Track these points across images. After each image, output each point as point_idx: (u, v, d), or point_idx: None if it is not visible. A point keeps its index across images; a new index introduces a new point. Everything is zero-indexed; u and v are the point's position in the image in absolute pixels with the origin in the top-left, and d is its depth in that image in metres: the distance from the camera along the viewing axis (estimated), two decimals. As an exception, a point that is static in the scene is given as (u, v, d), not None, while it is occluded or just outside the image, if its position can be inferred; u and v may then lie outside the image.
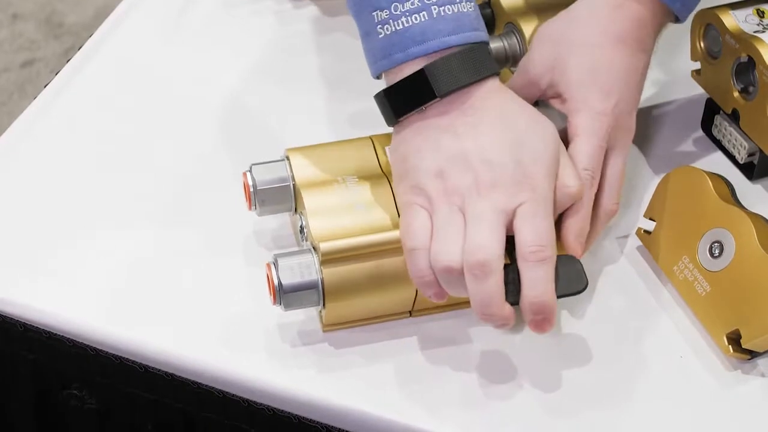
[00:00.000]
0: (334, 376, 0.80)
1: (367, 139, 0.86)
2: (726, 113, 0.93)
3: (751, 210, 0.82)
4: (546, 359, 0.81)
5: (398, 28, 0.78)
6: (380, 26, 0.79)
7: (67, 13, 2.31)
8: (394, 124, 0.81)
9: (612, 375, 0.80)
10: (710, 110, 0.95)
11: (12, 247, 0.88)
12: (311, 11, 1.08)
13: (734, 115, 0.92)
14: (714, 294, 0.81)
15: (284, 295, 0.79)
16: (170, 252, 0.88)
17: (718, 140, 0.95)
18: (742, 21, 0.90)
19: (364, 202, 0.81)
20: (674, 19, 0.88)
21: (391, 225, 0.80)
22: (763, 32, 0.89)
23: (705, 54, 0.93)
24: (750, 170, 0.93)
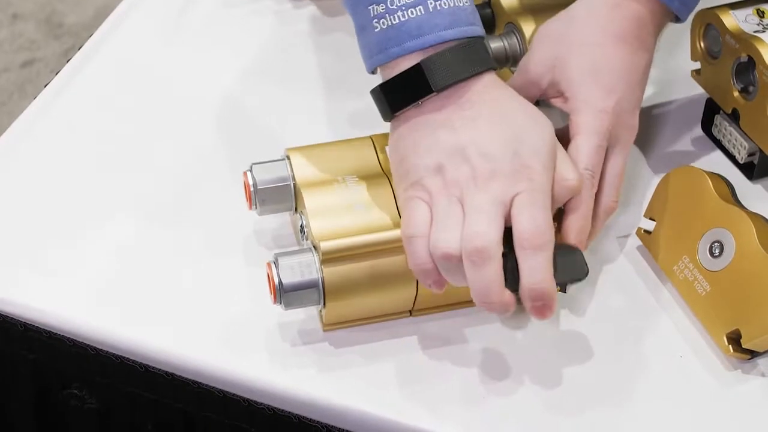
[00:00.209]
0: (334, 376, 0.80)
1: (367, 139, 0.86)
2: (726, 113, 0.93)
3: (751, 210, 0.82)
4: (546, 359, 0.81)
5: (394, 23, 0.78)
6: (376, 20, 0.79)
7: (67, 13, 2.31)
8: (391, 119, 0.81)
9: (612, 374, 0.80)
10: (710, 110, 0.95)
11: (12, 247, 0.88)
12: (311, 11, 1.08)
13: (734, 115, 0.92)
14: (714, 294, 0.81)
15: (284, 294, 0.79)
16: (171, 251, 0.88)
17: (718, 140, 0.95)
18: (742, 21, 0.90)
19: (364, 201, 0.81)
20: (674, 18, 0.89)
21: (391, 224, 0.80)
22: (763, 32, 0.89)
23: (705, 54, 0.93)
24: (750, 170, 0.93)
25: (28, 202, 0.92)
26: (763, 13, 0.90)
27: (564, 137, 0.85)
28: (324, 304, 0.79)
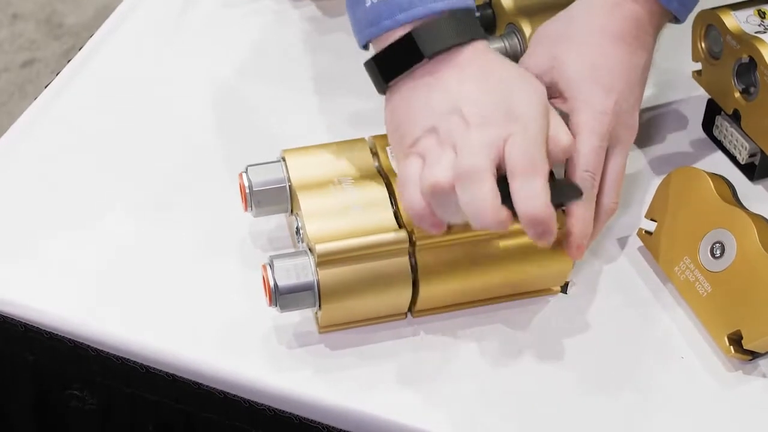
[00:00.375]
0: (330, 378, 0.80)
1: (362, 141, 0.86)
2: (727, 114, 0.93)
3: (752, 210, 0.82)
4: (545, 359, 0.81)
5: None
6: None
7: (67, 13, 2.31)
8: (385, 91, 0.81)
9: (613, 375, 0.80)
10: (711, 111, 0.95)
11: (13, 248, 0.88)
12: (311, 11, 1.08)
13: (735, 116, 0.92)
14: (715, 294, 0.81)
15: (280, 296, 0.78)
16: (167, 253, 0.87)
17: (719, 141, 0.95)
18: (743, 21, 0.90)
19: (360, 203, 0.81)
20: (673, 18, 0.88)
21: (386, 227, 0.80)
22: (764, 33, 0.89)
23: (706, 55, 0.93)
24: (751, 171, 0.93)
25: (28, 202, 0.92)
26: (764, 13, 0.90)
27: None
28: (319, 306, 0.79)
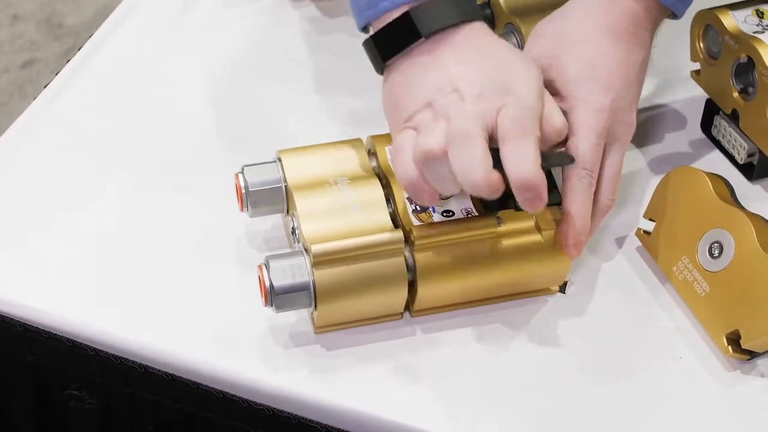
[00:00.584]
0: (326, 378, 0.80)
1: (359, 141, 0.85)
2: (725, 114, 0.93)
3: (750, 210, 0.82)
4: (544, 360, 0.81)
5: None
6: None
7: (67, 13, 2.31)
8: (383, 71, 0.82)
9: (611, 376, 0.80)
10: (710, 111, 0.95)
11: (13, 248, 0.88)
12: (311, 11, 1.08)
13: (734, 116, 0.92)
14: (713, 294, 0.81)
15: (276, 296, 0.78)
16: (162, 253, 0.87)
17: (718, 141, 0.95)
18: (742, 21, 0.90)
19: (356, 203, 0.81)
20: (671, 14, 0.88)
21: (382, 227, 0.80)
22: (763, 33, 0.89)
23: (704, 54, 0.93)
24: (749, 171, 0.93)
25: (28, 202, 0.91)
26: (762, 13, 0.90)
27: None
28: (315, 306, 0.79)
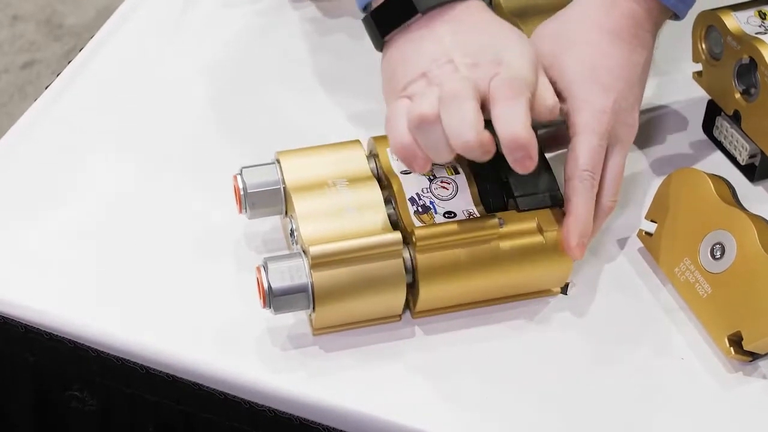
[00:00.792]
0: (324, 380, 0.80)
1: (357, 142, 0.85)
2: (727, 115, 0.92)
3: (752, 211, 0.82)
4: (544, 360, 0.81)
5: None
6: None
7: (67, 14, 2.31)
8: (382, 48, 0.83)
9: (613, 377, 0.80)
10: (711, 112, 0.95)
11: (14, 248, 0.88)
12: (311, 11, 1.08)
13: (735, 117, 0.92)
14: (715, 296, 0.81)
15: (274, 298, 0.78)
16: (161, 254, 0.87)
17: (720, 142, 0.95)
18: (744, 22, 0.90)
19: (354, 205, 0.81)
20: (673, 15, 0.88)
21: (380, 229, 0.80)
22: (765, 34, 0.89)
23: (706, 55, 0.93)
24: (751, 172, 0.93)
25: (28, 203, 0.91)
26: (764, 14, 0.90)
27: (563, 137, 0.85)
28: (313, 308, 0.79)
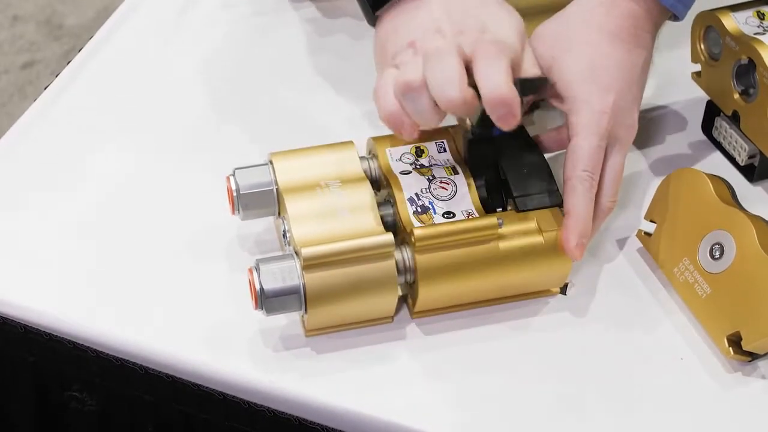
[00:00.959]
0: (317, 381, 0.80)
1: (350, 143, 0.85)
2: (726, 115, 0.93)
3: (751, 212, 0.82)
4: (544, 360, 0.81)
5: None
6: None
7: (67, 14, 2.31)
8: (375, 22, 0.84)
9: (612, 377, 0.80)
10: (710, 112, 0.95)
11: (13, 249, 0.88)
12: (311, 12, 1.08)
13: (735, 117, 0.92)
14: (714, 296, 0.81)
15: (266, 299, 0.78)
16: (153, 255, 0.87)
17: (719, 142, 0.95)
18: (743, 23, 0.90)
19: (347, 207, 0.81)
20: (672, 16, 0.88)
21: (373, 230, 0.80)
22: (764, 34, 0.89)
23: (705, 56, 0.93)
24: (750, 172, 0.93)
25: (28, 203, 0.91)
26: (763, 15, 0.90)
27: (563, 137, 0.85)
28: (306, 309, 0.79)
